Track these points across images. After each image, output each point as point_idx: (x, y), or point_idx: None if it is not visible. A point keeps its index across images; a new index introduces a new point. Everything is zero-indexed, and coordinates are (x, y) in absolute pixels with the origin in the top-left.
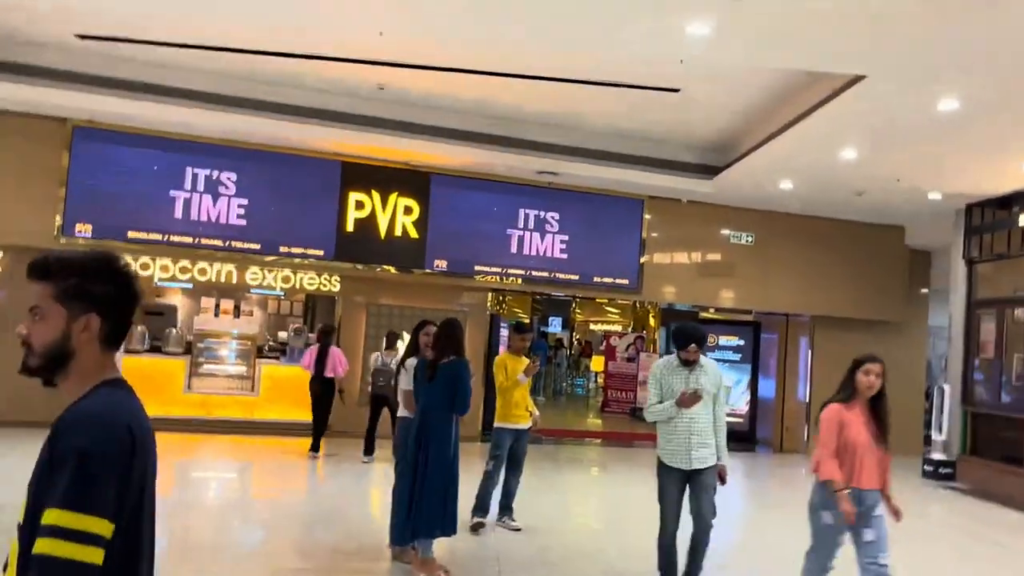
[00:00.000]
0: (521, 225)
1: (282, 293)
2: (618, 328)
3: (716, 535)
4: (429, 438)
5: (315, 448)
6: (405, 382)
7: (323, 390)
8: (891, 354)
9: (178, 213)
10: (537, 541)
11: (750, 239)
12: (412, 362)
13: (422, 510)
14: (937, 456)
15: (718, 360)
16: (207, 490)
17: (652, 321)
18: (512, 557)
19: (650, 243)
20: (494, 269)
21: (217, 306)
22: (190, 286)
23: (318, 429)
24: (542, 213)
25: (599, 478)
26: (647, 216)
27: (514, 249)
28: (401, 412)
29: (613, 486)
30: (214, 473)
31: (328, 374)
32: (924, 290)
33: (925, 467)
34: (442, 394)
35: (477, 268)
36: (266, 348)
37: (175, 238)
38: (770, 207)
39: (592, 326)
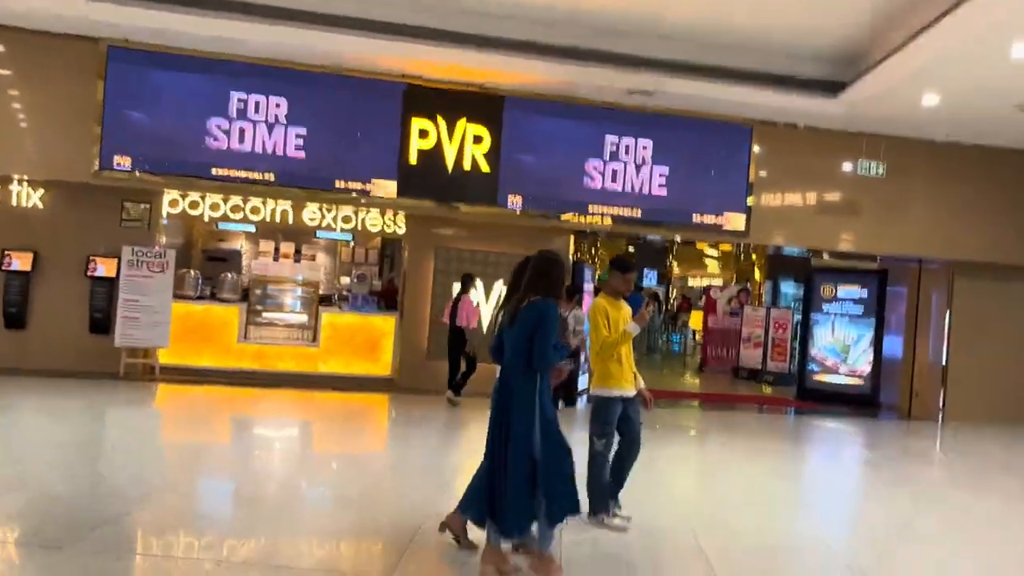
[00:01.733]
0: (608, 156)
1: (350, 237)
2: (719, 282)
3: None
4: (510, 403)
5: (454, 390)
6: None
7: (453, 339)
8: None
9: (224, 144)
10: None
11: (880, 170)
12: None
13: (505, 502)
14: None
15: (838, 314)
16: (271, 449)
17: (757, 274)
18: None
19: (759, 177)
20: (577, 207)
21: (277, 250)
22: (252, 228)
23: (452, 374)
24: (633, 141)
25: (723, 449)
26: (757, 147)
27: (600, 184)
28: None
29: (744, 461)
30: (276, 431)
31: (459, 323)
32: None
33: None
34: (522, 344)
35: (557, 206)
36: (335, 297)
37: (220, 171)
38: (905, 132)
39: (690, 280)
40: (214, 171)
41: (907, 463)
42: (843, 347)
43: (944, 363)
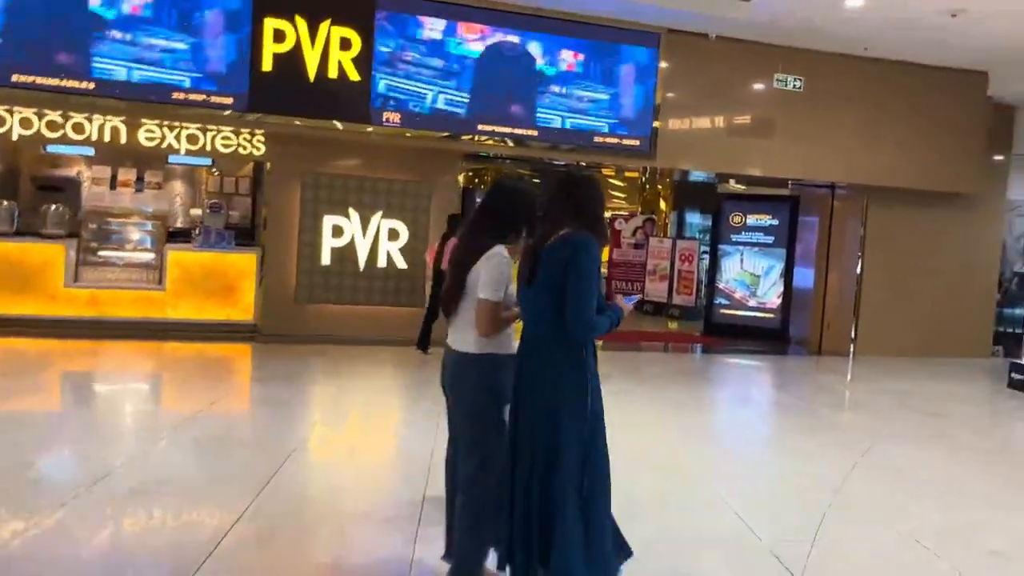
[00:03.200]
0: (501, 66)
1: (210, 162)
2: (624, 213)
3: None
4: (547, 393)
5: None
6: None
7: (436, 283)
8: (961, 235)
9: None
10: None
11: (798, 84)
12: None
13: (566, 541)
14: None
15: (747, 244)
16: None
17: (663, 204)
18: None
19: (667, 92)
20: (466, 126)
21: (114, 177)
22: (90, 151)
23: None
24: (527, 49)
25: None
26: (664, 61)
27: (492, 100)
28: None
29: (642, 414)
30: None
31: (444, 266)
32: (999, 157)
33: (1013, 375)
34: (550, 304)
35: (443, 124)
36: (195, 232)
37: (23, 77)
38: (824, 45)
39: None
40: (15, 78)
41: (824, 406)
42: (752, 279)
43: (856, 295)
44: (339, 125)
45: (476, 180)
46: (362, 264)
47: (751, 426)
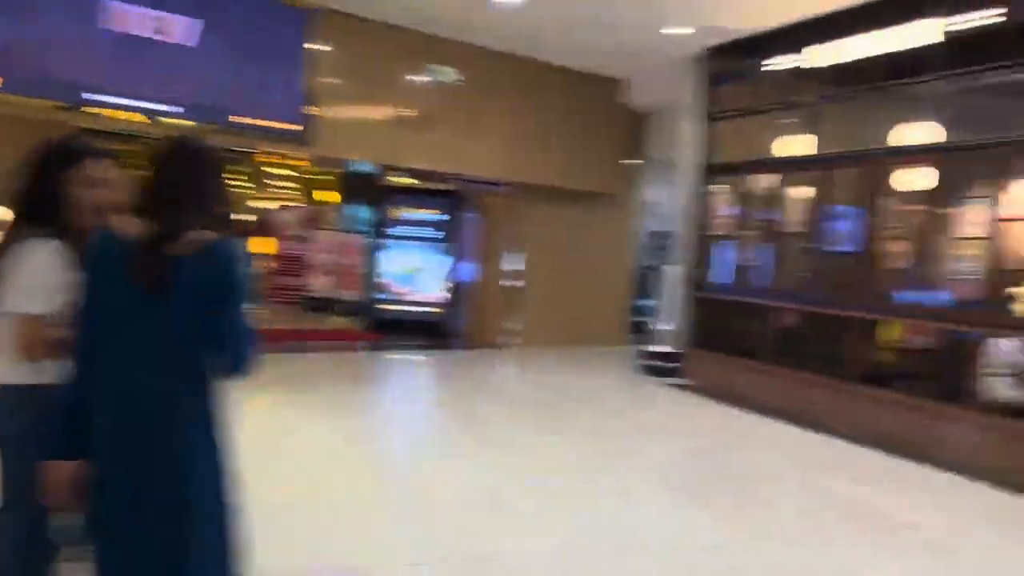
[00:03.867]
0: (119, 27)
1: None
2: (288, 204)
3: None
4: (168, 450)
5: None
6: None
7: None
8: (604, 232)
9: None
10: None
11: (451, 77)
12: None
13: None
14: (661, 348)
15: (410, 238)
16: None
17: (327, 195)
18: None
19: (324, 77)
20: (75, 93)
21: None
22: None
23: None
24: (148, 11)
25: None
26: (319, 43)
27: (113, 66)
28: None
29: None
30: None
31: None
32: (636, 160)
33: (645, 361)
34: (189, 324)
35: (52, 91)
36: None
37: None
38: (484, 41)
39: (261, 203)
40: None
41: (490, 402)
42: (415, 274)
43: (513, 290)
44: None
45: None
46: None
47: (407, 434)
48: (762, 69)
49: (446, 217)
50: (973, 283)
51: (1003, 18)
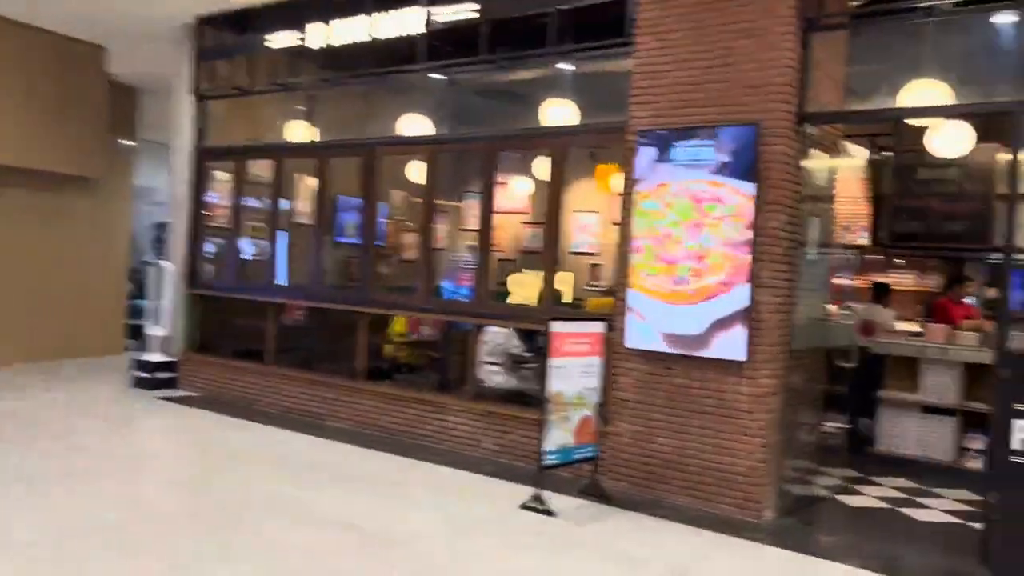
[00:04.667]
0: None
1: None
2: None
3: None
4: None
5: None
6: None
7: None
8: (90, 223)
9: None
10: None
11: None
12: None
13: None
14: (153, 357)
15: None
16: None
17: None
18: None
19: None
20: None
21: None
22: None
23: None
24: None
25: None
26: None
27: None
28: None
29: None
30: None
31: None
32: (126, 141)
33: (137, 372)
34: None
35: None
36: None
37: None
38: None
39: None
40: None
41: None
42: None
43: None
44: None
45: None
46: None
47: None
48: (262, 46)
49: None
50: (470, 274)
51: (477, 15)
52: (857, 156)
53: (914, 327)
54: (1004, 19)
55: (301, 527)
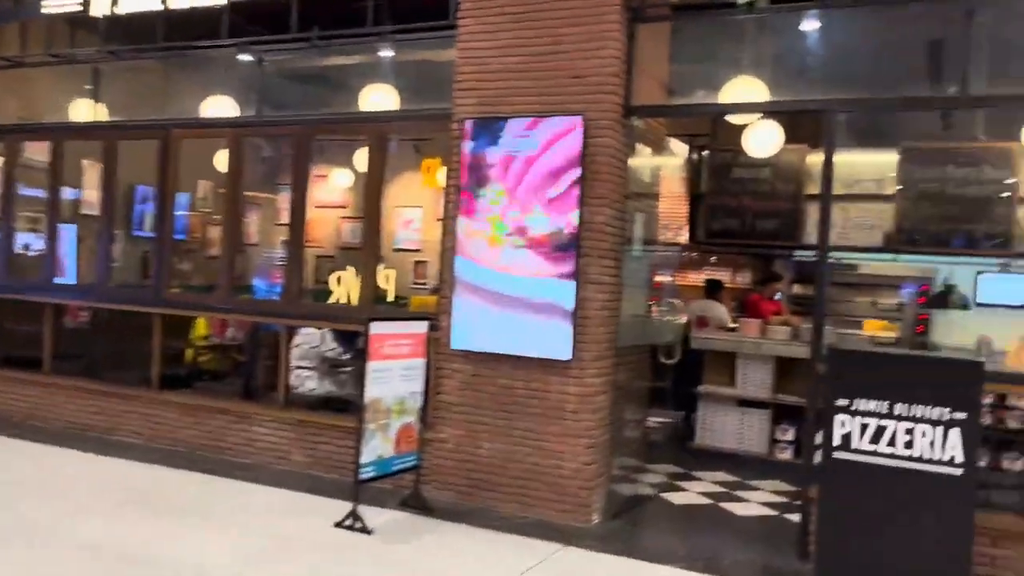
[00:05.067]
0: None
1: None
2: None
3: None
4: None
5: None
6: None
7: None
8: None
9: None
10: None
11: None
12: None
13: None
14: None
15: None
16: None
17: None
18: None
19: None
20: None
21: None
22: None
23: None
24: None
25: None
26: None
27: None
28: None
29: None
30: None
31: None
32: None
33: None
34: None
35: None
36: None
37: None
38: None
39: None
40: None
41: None
42: None
43: None
44: None
45: None
46: None
47: None
48: (37, 11)
49: None
50: (283, 272)
51: None
52: (679, 154)
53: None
54: (817, 21)
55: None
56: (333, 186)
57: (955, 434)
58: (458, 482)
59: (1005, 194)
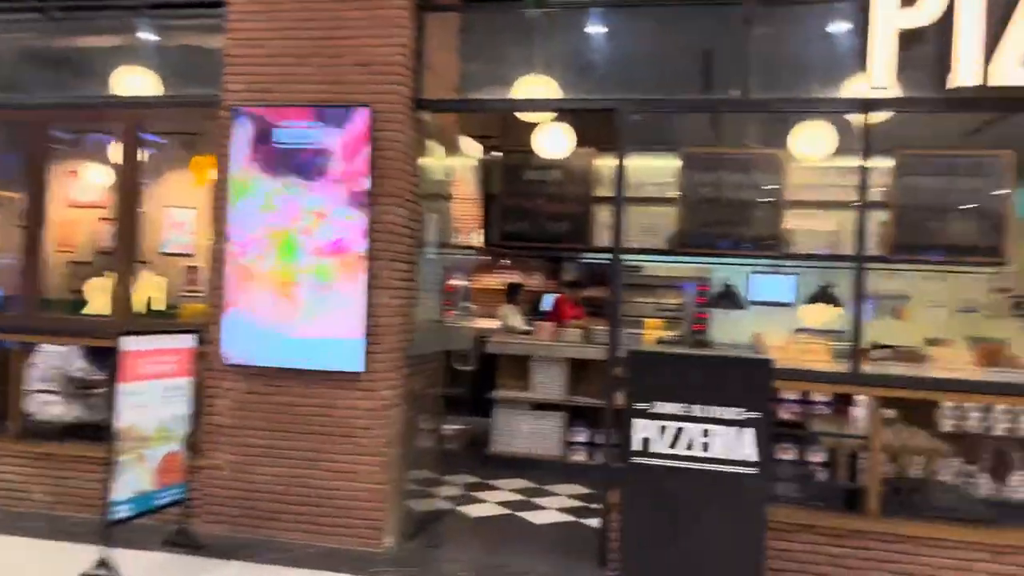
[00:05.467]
0: None
1: None
2: None
3: None
4: None
5: None
6: None
7: None
8: None
9: None
10: None
11: None
12: None
13: None
14: None
15: None
16: None
17: None
18: None
19: None
20: None
21: None
22: None
23: None
24: None
25: None
26: None
27: None
28: None
29: None
30: None
31: None
32: None
33: None
34: None
35: None
36: None
37: None
38: None
39: None
40: None
41: None
42: None
43: None
44: None
45: None
46: None
47: None
48: None
49: None
50: (22, 279)
51: None
52: (472, 154)
53: (525, 326)
54: (606, 21)
55: None
56: (90, 184)
57: (749, 434)
58: (234, 513)
59: (772, 199)
